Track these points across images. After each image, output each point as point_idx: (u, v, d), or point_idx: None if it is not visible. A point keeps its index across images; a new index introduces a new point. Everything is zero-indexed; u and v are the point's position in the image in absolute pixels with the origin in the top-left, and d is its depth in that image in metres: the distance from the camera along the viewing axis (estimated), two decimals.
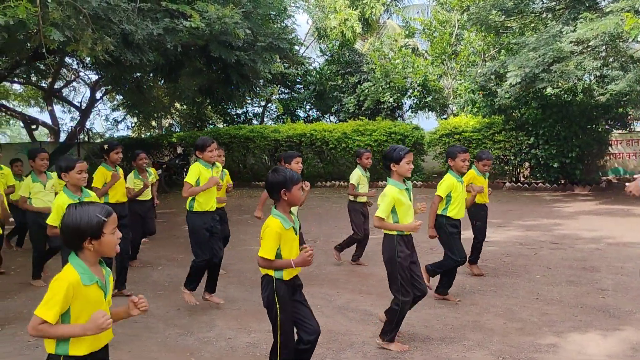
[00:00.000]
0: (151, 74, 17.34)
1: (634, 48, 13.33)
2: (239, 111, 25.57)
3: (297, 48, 21.82)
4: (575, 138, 14.99)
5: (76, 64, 21.09)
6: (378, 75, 20.25)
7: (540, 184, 15.98)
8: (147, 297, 6.35)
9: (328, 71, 23.48)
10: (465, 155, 5.90)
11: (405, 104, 22.25)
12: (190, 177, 5.68)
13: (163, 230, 10.47)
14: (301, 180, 3.84)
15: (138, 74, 17.41)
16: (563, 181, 15.68)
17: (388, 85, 20.10)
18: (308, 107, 25.10)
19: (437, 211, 5.95)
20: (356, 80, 22.02)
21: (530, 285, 6.51)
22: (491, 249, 8.30)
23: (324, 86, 23.13)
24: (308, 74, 24.27)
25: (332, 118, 24.37)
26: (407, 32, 24.92)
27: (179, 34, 10.59)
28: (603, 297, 5.98)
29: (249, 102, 24.59)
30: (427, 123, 27.35)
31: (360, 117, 19.45)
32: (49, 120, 25.10)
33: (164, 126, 28.85)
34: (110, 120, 28.08)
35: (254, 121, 25.45)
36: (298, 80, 24.55)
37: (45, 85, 23.61)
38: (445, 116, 20.78)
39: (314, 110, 24.99)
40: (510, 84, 12.91)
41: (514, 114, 16.01)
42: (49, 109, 24.62)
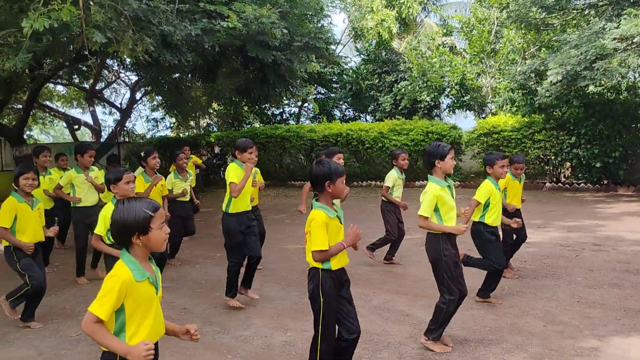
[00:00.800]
0: (189, 75, 17.58)
1: None
2: (276, 111, 25.71)
3: (334, 47, 21.78)
4: (618, 137, 14.59)
5: (117, 65, 21.60)
6: (415, 74, 20.07)
7: (581, 184, 15.61)
8: (185, 295, 6.50)
9: (364, 70, 23.37)
10: (504, 161, 5.80)
11: (442, 103, 22.04)
12: (233, 177, 5.74)
13: (200, 229, 10.59)
14: (345, 174, 3.81)
15: (177, 75, 17.70)
16: (606, 181, 15.29)
17: (425, 84, 19.90)
18: (344, 107, 25.08)
19: (474, 218, 5.92)
20: (393, 80, 21.86)
21: (571, 288, 6.37)
22: (531, 250, 8.13)
23: (360, 85, 23.03)
24: (344, 73, 24.20)
25: (369, 117, 24.26)
26: (445, 31, 24.72)
27: (216, 35, 10.71)
28: None
29: (285, 102, 24.69)
30: (465, 122, 26.87)
31: (396, 117, 19.34)
32: (90, 121, 25.67)
33: (202, 126, 29.21)
34: (150, 120, 28.68)
35: (291, 121, 25.55)
36: (334, 79, 24.52)
37: (87, 86, 24.21)
38: (483, 115, 20.49)
39: (350, 109, 24.94)
40: (551, 82, 12.66)
41: (554, 113, 15.68)
42: (90, 109, 25.18)
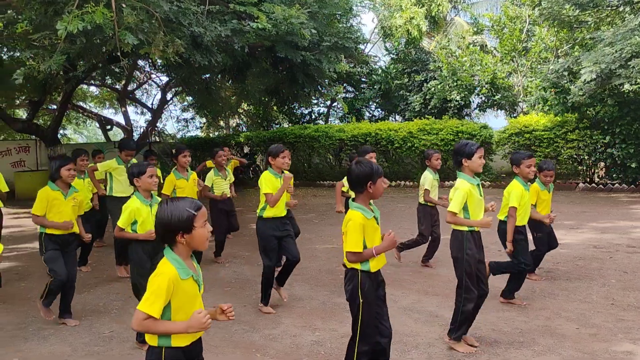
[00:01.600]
0: (219, 75, 17.74)
1: None
2: (305, 111, 25.75)
3: (363, 47, 21.69)
4: None
5: (148, 66, 21.96)
6: (445, 74, 19.90)
7: (616, 184, 15.30)
8: (215, 294, 6.56)
9: (394, 70, 23.23)
10: (531, 160, 5.68)
11: (473, 102, 21.78)
12: (267, 188, 5.72)
13: None
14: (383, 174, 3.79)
15: (207, 75, 17.86)
16: None
17: (455, 84, 19.71)
18: (373, 107, 24.96)
19: (501, 217, 5.90)
20: (422, 79, 21.68)
21: (604, 290, 6.25)
22: (563, 252, 7.99)
23: (390, 85, 22.90)
24: (373, 72, 24.09)
25: (398, 117, 24.09)
26: (476, 29, 24.46)
27: (246, 35, 10.77)
28: None
29: (314, 102, 24.71)
30: (496, 122, 26.64)
31: (426, 116, 19.17)
32: (122, 121, 26.09)
33: (232, 126, 29.45)
34: (180, 120, 29.03)
35: (319, 121, 25.55)
36: (363, 79, 24.43)
37: (119, 87, 24.66)
38: (515, 115, 20.22)
39: (379, 109, 24.81)
40: (585, 80, 12.46)
41: (588, 112, 15.39)
42: (122, 110, 25.60)
